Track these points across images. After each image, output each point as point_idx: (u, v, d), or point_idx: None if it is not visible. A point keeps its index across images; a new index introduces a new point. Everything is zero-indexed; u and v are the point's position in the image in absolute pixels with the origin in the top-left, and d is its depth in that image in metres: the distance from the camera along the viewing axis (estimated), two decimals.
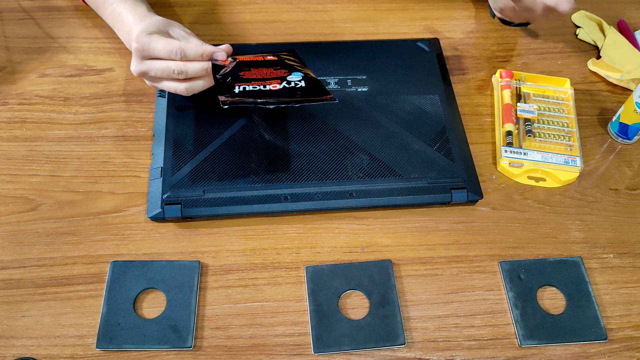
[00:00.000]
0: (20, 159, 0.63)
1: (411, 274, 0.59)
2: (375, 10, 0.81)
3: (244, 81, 0.58)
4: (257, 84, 0.58)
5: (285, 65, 0.61)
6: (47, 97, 0.68)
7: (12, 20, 0.76)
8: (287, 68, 0.61)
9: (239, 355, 0.53)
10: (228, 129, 0.64)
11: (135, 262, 0.57)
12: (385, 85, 0.69)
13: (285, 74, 0.59)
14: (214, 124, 0.64)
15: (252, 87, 0.57)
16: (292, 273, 0.58)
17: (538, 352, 0.54)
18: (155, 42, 0.59)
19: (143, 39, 0.59)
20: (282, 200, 0.60)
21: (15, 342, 0.52)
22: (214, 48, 0.60)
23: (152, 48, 0.59)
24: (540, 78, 0.73)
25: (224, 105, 0.54)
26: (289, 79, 0.58)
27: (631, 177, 0.67)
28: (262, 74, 0.59)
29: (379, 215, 0.62)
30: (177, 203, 0.58)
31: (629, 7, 0.84)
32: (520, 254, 0.60)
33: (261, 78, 0.59)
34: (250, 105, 0.55)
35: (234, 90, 0.57)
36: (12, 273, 0.56)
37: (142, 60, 0.60)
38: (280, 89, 0.57)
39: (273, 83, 0.58)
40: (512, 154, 0.66)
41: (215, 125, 0.64)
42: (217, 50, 0.60)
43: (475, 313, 0.56)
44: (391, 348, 0.54)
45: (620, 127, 0.68)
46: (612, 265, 0.60)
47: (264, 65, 0.61)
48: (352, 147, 0.63)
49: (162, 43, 0.59)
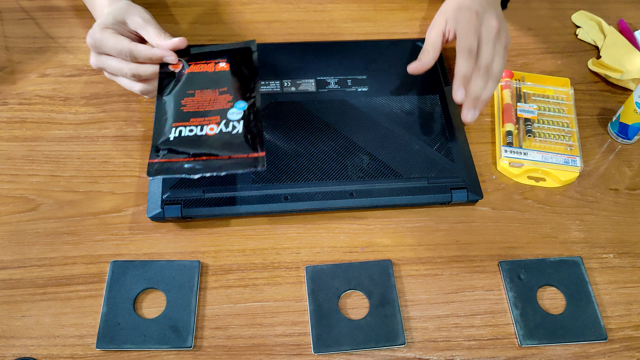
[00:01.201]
0: (20, 159, 0.63)
1: (411, 274, 0.59)
2: (375, 10, 0.81)
3: (183, 118, 0.55)
4: (195, 123, 0.55)
5: (232, 87, 0.58)
6: (47, 97, 0.68)
7: (12, 20, 0.76)
8: (233, 92, 0.58)
9: (239, 355, 0.53)
10: None
11: (135, 262, 0.57)
12: (385, 85, 0.69)
13: (228, 104, 0.56)
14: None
15: (188, 129, 0.54)
16: (292, 273, 0.58)
17: (538, 352, 0.54)
18: (107, 40, 0.57)
19: (96, 35, 0.57)
20: (282, 200, 0.60)
21: (15, 342, 0.52)
22: (163, 52, 0.58)
23: (104, 46, 0.57)
24: (540, 78, 0.73)
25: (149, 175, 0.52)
26: (229, 117, 0.55)
27: (631, 177, 0.67)
28: (204, 102, 0.57)
29: (379, 215, 0.62)
30: (177, 203, 0.58)
31: (629, 7, 0.84)
32: (520, 254, 0.60)
33: (202, 111, 0.56)
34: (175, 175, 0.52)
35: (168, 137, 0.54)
36: (12, 273, 0.56)
37: (99, 56, 0.59)
38: (215, 135, 0.54)
39: (211, 123, 0.55)
40: (512, 154, 0.66)
41: None
42: (166, 54, 0.58)
43: (475, 313, 0.56)
44: (391, 348, 0.54)
45: (620, 127, 0.68)
46: (612, 265, 0.60)
47: (211, 83, 0.58)
48: (352, 147, 0.63)
49: (113, 42, 0.57)
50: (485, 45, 0.61)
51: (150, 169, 0.52)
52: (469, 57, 0.60)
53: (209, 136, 0.54)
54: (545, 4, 0.84)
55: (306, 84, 0.69)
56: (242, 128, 0.54)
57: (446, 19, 0.64)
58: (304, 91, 0.68)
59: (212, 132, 0.54)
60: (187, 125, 0.55)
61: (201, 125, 0.55)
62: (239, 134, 0.54)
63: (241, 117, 0.55)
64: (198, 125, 0.55)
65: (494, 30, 0.61)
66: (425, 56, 0.64)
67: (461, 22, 0.62)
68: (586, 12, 0.82)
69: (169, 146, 0.54)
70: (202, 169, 0.52)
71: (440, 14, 0.66)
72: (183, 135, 0.54)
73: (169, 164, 0.52)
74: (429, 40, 0.65)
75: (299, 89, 0.68)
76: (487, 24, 0.61)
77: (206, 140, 0.54)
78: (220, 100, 0.57)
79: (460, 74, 0.60)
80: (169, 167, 0.52)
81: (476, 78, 0.60)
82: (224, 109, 0.56)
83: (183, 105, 0.57)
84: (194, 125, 0.55)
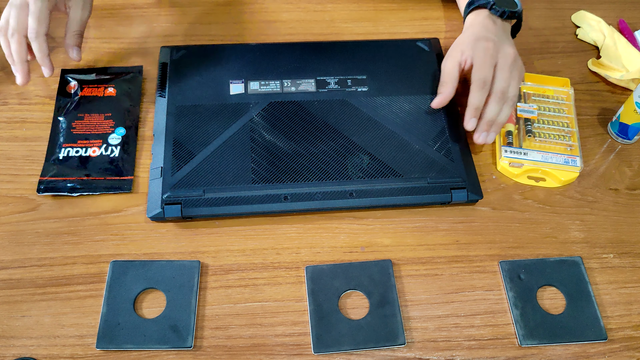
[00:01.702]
0: (20, 159, 0.63)
1: (411, 274, 0.59)
2: (375, 10, 0.81)
3: (72, 139, 0.63)
4: (81, 145, 0.63)
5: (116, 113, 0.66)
6: (48, 97, 0.68)
7: None
8: (116, 117, 0.65)
9: (239, 355, 0.53)
10: (228, 129, 0.64)
11: (135, 262, 0.57)
12: (385, 85, 0.69)
13: (110, 129, 0.64)
14: (214, 124, 0.64)
15: (75, 150, 0.63)
16: (292, 273, 0.58)
17: (538, 352, 0.54)
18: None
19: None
20: (282, 200, 0.60)
21: (15, 342, 0.52)
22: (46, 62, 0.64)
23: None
24: (540, 78, 0.73)
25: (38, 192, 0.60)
26: (109, 141, 0.64)
27: (631, 177, 0.67)
28: (91, 125, 0.65)
29: (379, 215, 0.62)
30: (177, 203, 0.58)
31: (629, 7, 0.84)
32: (520, 254, 0.60)
33: (88, 134, 0.64)
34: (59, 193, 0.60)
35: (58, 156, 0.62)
36: (12, 273, 0.56)
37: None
38: (97, 157, 0.62)
39: (94, 146, 0.63)
40: (512, 154, 0.66)
41: (215, 125, 0.64)
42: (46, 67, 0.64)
43: (475, 313, 0.56)
44: (391, 348, 0.54)
45: (620, 127, 0.68)
46: (612, 265, 0.60)
47: (99, 107, 0.66)
48: (352, 147, 0.63)
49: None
50: (500, 72, 0.63)
51: (40, 186, 0.60)
52: (482, 88, 0.62)
53: (91, 157, 0.63)
54: (545, 4, 0.84)
55: (306, 84, 0.69)
56: (118, 152, 0.63)
57: (462, 50, 0.65)
58: (304, 91, 0.68)
59: (94, 154, 0.63)
60: (74, 147, 0.63)
61: (86, 147, 0.63)
62: (115, 157, 0.63)
63: (119, 143, 0.64)
64: (83, 147, 0.63)
65: (511, 59, 0.63)
66: (445, 89, 0.65)
67: (478, 51, 0.63)
68: (586, 12, 0.82)
69: (58, 164, 0.62)
70: (81, 189, 0.60)
71: (455, 46, 0.67)
72: (70, 155, 0.63)
73: (55, 182, 0.61)
74: (445, 72, 0.66)
75: (299, 89, 0.68)
76: (503, 52, 0.63)
77: (89, 162, 0.62)
78: (104, 125, 0.65)
79: (474, 105, 0.62)
80: (54, 186, 0.60)
81: (491, 103, 0.62)
82: (106, 134, 0.64)
83: (73, 128, 0.64)
84: (80, 146, 0.63)
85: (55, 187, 0.60)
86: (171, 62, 0.69)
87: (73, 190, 0.60)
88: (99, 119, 0.65)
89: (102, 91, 0.68)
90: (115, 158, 0.63)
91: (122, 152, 0.63)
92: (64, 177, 0.61)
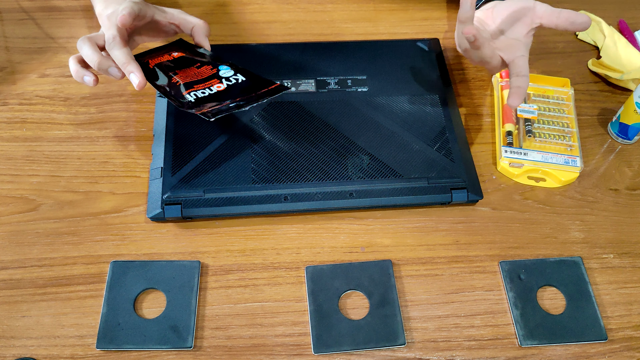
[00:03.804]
0: (20, 159, 0.63)
1: (411, 274, 0.59)
2: (375, 11, 0.81)
3: (188, 86, 0.55)
4: (202, 87, 0.55)
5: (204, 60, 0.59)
6: (47, 97, 0.68)
7: (12, 20, 0.76)
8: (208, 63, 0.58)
9: (239, 355, 0.53)
10: (228, 129, 0.64)
11: (136, 262, 0.57)
12: (385, 85, 0.69)
13: (213, 70, 0.57)
14: (214, 123, 0.64)
15: (200, 92, 0.55)
16: (292, 273, 0.58)
17: (538, 352, 0.55)
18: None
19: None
20: (282, 200, 0.60)
21: (15, 342, 0.52)
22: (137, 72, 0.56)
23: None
24: (540, 78, 0.73)
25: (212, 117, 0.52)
26: (224, 76, 0.56)
27: (631, 177, 0.67)
28: (192, 75, 0.57)
29: (379, 215, 0.62)
30: (177, 203, 0.58)
31: (629, 7, 0.84)
32: (520, 254, 0.60)
33: (197, 80, 0.56)
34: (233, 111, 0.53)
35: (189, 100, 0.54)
36: (12, 273, 0.56)
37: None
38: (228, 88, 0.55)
39: (215, 84, 0.55)
40: (512, 154, 0.66)
41: (216, 125, 0.64)
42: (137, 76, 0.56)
43: (475, 313, 0.57)
44: (391, 348, 0.54)
45: (620, 127, 0.68)
46: (612, 265, 0.60)
47: (183, 64, 0.58)
48: (352, 147, 0.64)
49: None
50: None
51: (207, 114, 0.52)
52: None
53: (222, 91, 0.55)
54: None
55: (306, 84, 0.69)
56: (243, 77, 0.56)
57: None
58: (304, 91, 0.68)
59: (220, 89, 0.55)
60: (197, 89, 0.55)
61: (209, 87, 0.55)
62: (246, 80, 0.56)
63: (235, 72, 0.57)
64: (206, 88, 0.55)
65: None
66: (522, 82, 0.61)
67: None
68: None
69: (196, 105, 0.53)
70: (246, 104, 0.53)
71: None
72: (200, 97, 0.55)
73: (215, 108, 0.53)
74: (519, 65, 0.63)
75: (299, 89, 0.68)
76: None
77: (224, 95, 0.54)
78: (203, 72, 0.57)
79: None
80: (219, 110, 0.53)
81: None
82: (214, 74, 0.57)
83: (177, 81, 0.57)
84: (201, 89, 0.55)
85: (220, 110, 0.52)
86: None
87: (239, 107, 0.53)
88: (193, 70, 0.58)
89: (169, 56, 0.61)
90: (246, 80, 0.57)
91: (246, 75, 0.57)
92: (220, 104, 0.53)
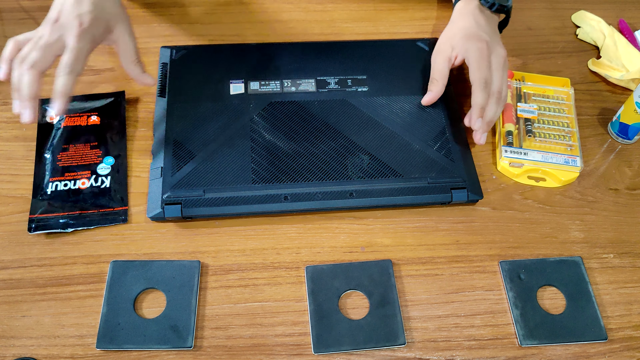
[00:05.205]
0: (20, 159, 0.63)
1: (411, 274, 0.59)
2: (375, 10, 0.81)
3: (59, 173, 0.61)
4: (69, 178, 0.60)
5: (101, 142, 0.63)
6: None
7: (12, 20, 0.76)
8: (102, 147, 0.63)
9: (239, 355, 0.53)
10: (228, 129, 0.64)
11: (136, 262, 0.57)
12: (385, 85, 0.69)
13: (98, 159, 0.62)
14: (214, 124, 0.64)
15: (63, 184, 0.60)
16: (292, 273, 0.58)
17: (538, 352, 0.54)
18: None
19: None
20: (282, 200, 0.60)
21: (15, 342, 0.52)
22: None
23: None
24: (540, 78, 0.73)
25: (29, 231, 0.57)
26: (98, 172, 0.61)
27: (631, 177, 0.67)
28: (77, 156, 0.62)
29: (379, 215, 0.62)
30: (177, 203, 0.58)
31: (629, 7, 0.84)
32: (520, 254, 0.60)
33: (75, 166, 0.61)
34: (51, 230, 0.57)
35: (46, 191, 0.59)
36: (12, 273, 0.56)
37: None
38: (87, 189, 0.60)
39: (83, 177, 0.61)
40: (512, 154, 0.66)
41: (215, 125, 0.64)
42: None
43: (475, 313, 0.56)
44: (391, 348, 0.54)
45: (620, 127, 0.68)
46: (612, 265, 0.60)
47: (83, 137, 0.63)
48: (352, 147, 0.63)
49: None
50: (496, 73, 0.64)
51: (31, 225, 0.58)
52: (485, 89, 0.63)
53: (81, 190, 0.60)
54: (545, 4, 0.84)
55: (306, 84, 0.69)
56: (109, 183, 0.61)
57: (453, 45, 0.66)
58: (304, 91, 0.68)
59: (83, 186, 0.60)
60: (62, 180, 0.60)
61: (74, 179, 0.61)
62: (106, 188, 0.60)
63: (109, 173, 0.62)
64: (72, 180, 0.61)
65: (502, 59, 0.65)
66: (435, 86, 0.66)
67: (473, 52, 0.64)
68: (586, 12, 0.82)
69: (47, 200, 0.59)
70: (75, 224, 0.58)
71: (445, 39, 0.68)
72: (59, 190, 0.60)
73: (46, 219, 0.58)
74: (436, 69, 0.67)
75: (299, 89, 0.68)
76: (496, 53, 0.65)
77: (79, 194, 0.60)
78: (90, 155, 0.62)
79: (479, 105, 0.63)
80: (46, 224, 0.58)
81: (491, 104, 0.63)
82: (94, 164, 0.62)
83: (59, 160, 0.62)
84: (68, 179, 0.61)
85: (47, 225, 0.58)
86: (171, 62, 0.69)
87: (66, 226, 0.58)
88: (85, 149, 0.63)
89: (85, 120, 0.65)
90: (106, 189, 0.60)
91: (112, 182, 0.61)
92: (55, 214, 0.58)
